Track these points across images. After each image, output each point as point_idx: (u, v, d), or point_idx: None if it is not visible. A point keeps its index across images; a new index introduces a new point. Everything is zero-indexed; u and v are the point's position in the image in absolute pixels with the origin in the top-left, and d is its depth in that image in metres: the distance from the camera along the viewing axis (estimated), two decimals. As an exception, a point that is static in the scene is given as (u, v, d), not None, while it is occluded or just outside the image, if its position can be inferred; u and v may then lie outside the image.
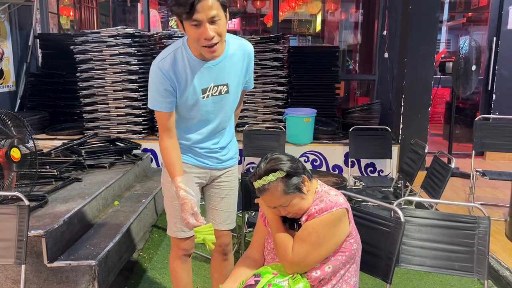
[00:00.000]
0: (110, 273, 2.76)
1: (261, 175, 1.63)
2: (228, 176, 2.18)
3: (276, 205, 1.66)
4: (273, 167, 1.63)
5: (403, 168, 3.96)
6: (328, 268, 1.68)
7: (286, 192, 1.62)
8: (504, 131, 4.15)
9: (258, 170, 1.65)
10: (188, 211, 1.80)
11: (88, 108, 5.06)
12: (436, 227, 2.12)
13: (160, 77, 1.83)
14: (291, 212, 1.67)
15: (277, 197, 1.63)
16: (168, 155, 1.92)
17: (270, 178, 1.62)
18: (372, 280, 2.94)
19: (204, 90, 1.89)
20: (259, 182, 1.63)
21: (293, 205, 1.65)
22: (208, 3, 1.64)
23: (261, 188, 1.63)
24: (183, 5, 1.64)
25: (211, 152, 2.08)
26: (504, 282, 2.86)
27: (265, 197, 1.66)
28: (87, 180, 3.58)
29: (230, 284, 1.75)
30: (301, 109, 4.92)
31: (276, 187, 1.62)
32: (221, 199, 2.18)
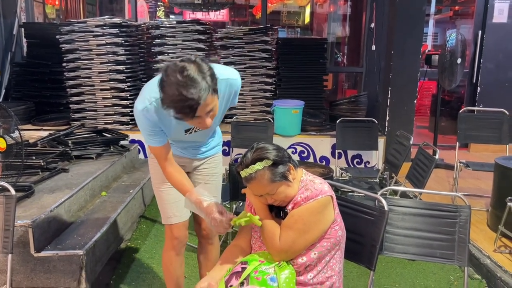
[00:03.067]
0: (98, 262, 2.77)
1: (248, 164, 1.66)
2: (209, 162, 2.24)
3: (263, 193, 1.68)
4: (259, 156, 1.66)
5: (388, 159, 4.02)
6: (313, 254, 1.71)
7: (272, 180, 1.65)
8: (487, 123, 4.23)
9: (245, 160, 1.68)
10: (215, 212, 1.80)
11: (75, 98, 5.01)
12: (419, 216, 2.18)
13: (146, 122, 1.84)
14: (278, 199, 1.70)
15: (264, 185, 1.66)
16: (174, 179, 1.97)
17: (257, 167, 1.64)
18: (357, 268, 3.00)
19: (187, 130, 1.99)
20: (246, 171, 1.66)
21: (280, 192, 1.68)
22: (207, 103, 1.62)
23: (248, 177, 1.66)
24: (187, 114, 1.62)
25: (195, 148, 2.18)
26: (484, 269, 2.94)
27: (252, 186, 1.68)
28: (74, 170, 3.56)
29: (217, 272, 1.78)
30: (289, 101, 4.94)
31: (263, 175, 1.64)
32: (204, 184, 2.20)
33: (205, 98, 1.58)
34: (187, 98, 1.55)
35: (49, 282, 2.52)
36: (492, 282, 2.84)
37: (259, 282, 1.63)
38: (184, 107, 1.58)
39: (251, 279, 1.64)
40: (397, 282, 2.92)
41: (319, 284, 1.73)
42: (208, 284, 1.69)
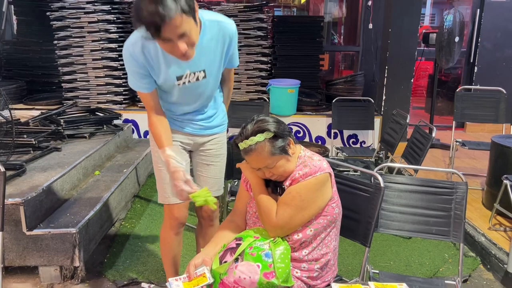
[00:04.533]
0: (91, 241, 2.74)
1: (248, 136, 1.62)
2: (214, 143, 2.14)
3: (262, 166, 1.65)
4: (260, 128, 1.62)
5: (384, 138, 4.00)
6: (310, 231, 1.69)
7: (272, 153, 1.62)
8: (484, 102, 4.21)
9: (245, 131, 1.63)
10: (180, 179, 1.76)
11: (67, 77, 4.92)
12: (415, 193, 2.16)
13: (131, 61, 1.77)
14: (276, 174, 1.67)
15: (263, 158, 1.62)
16: (155, 129, 1.90)
17: (257, 139, 1.61)
18: (352, 246, 3.00)
19: (179, 77, 1.84)
20: (246, 142, 1.61)
21: (279, 166, 1.65)
22: (175, 23, 1.53)
23: (248, 148, 1.61)
24: (148, 27, 1.54)
25: (194, 121, 2.05)
26: (479, 247, 2.95)
27: (251, 158, 1.64)
28: (66, 149, 3.52)
29: (212, 248, 1.75)
30: (285, 80, 4.88)
31: (263, 147, 1.61)
32: (208, 165, 2.16)
33: (172, 17, 1.50)
34: (151, 13, 1.48)
35: (42, 260, 2.49)
36: (487, 260, 2.85)
37: (253, 258, 1.61)
38: (149, 23, 1.51)
39: (245, 255, 1.62)
40: (392, 260, 2.92)
41: (314, 261, 1.72)
42: (202, 260, 1.67)
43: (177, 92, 1.90)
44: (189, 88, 1.89)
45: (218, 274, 1.63)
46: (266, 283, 1.56)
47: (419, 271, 2.78)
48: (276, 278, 1.56)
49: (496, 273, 2.73)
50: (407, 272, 2.75)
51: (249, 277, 1.57)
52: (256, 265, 1.58)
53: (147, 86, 1.84)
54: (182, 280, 1.64)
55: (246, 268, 1.59)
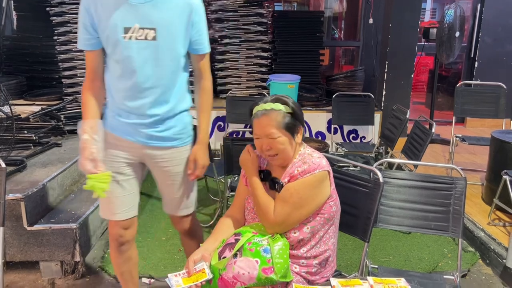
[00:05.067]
0: (92, 236, 2.76)
1: (267, 101, 1.65)
2: (169, 159, 1.88)
3: (266, 134, 1.63)
4: (281, 99, 1.66)
5: (384, 134, 4.00)
6: (306, 229, 1.70)
7: (282, 125, 1.63)
8: (484, 97, 4.20)
9: (265, 99, 1.67)
10: (87, 157, 1.65)
11: (67, 73, 4.92)
12: (414, 188, 2.16)
13: (82, 9, 1.71)
14: (274, 148, 1.65)
15: (270, 125, 1.62)
16: (85, 96, 1.76)
17: (274, 106, 1.63)
18: (352, 241, 3.01)
19: (127, 30, 1.67)
20: (262, 106, 1.64)
21: (280, 143, 1.64)
22: None
23: (262, 111, 1.63)
24: None
25: (142, 127, 1.79)
26: (478, 242, 2.95)
27: (260, 121, 1.63)
28: (67, 145, 3.52)
29: (211, 243, 1.76)
30: (285, 75, 4.87)
31: (276, 116, 1.63)
32: (169, 185, 1.95)
33: None
34: None
35: (42, 255, 2.51)
36: (486, 255, 2.86)
37: (252, 253, 1.62)
38: None
39: (244, 251, 1.63)
40: (391, 255, 2.93)
41: (313, 258, 1.72)
42: (201, 255, 1.67)
43: (121, 51, 1.69)
44: (135, 47, 1.69)
45: (217, 269, 1.64)
46: (264, 279, 1.57)
47: (418, 266, 2.79)
48: (275, 274, 1.56)
49: (495, 268, 2.74)
50: (406, 267, 2.76)
51: (247, 273, 1.58)
52: (255, 261, 1.59)
53: (87, 43, 1.73)
54: (181, 275, 1.64)
55: (245, 263, 1.60)
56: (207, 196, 3.83)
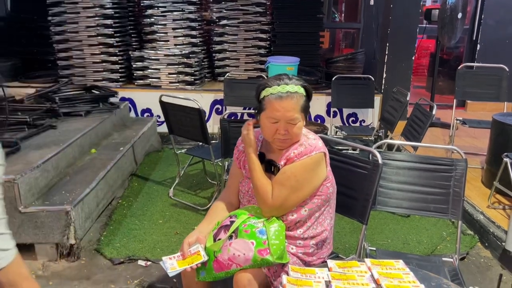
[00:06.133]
0: (87, 219, 2.73)
1: (289, 83, 1.59)
2: None
3: (288, 118, 1.58)
4: (302, 83, 1.62)
5: (384, 117, 3.95)
6: (304, 211, 1.67)
7: (303, 109, 1.60)
8: (486, 79, 4.14)
9: (284, 78, 1.60)
10: None
11: (62, 54, 4.84)
12: (413, 170, 2.12)
13: None
14: (290, 133, 1.61)
15: (295, 110, 1.58)
16: None
17: (298, 89, 1.59)
18: (349, 224, 2.99)
19: None
20: (286, 87, 1.58)
21: (298, 127, 1.61)
22: None
23: (287, 93, 1.57)
24: None
25: None
26: (477, 225, 2.93)
27: (285, 103, 1.57)
28: (62, 127, 3.47)
29: (205, 226, 1.73)
30: (284, 58, 4.78)
31: (300, 99, 1.59)
32: None
33: None
34: None
35: (37, 237, 2.48)
36: (485, 237, 2.84)
37: (248, 235, 1.59)
38: None
39: (239, 232, 1.60)
40: (389, 238, 2.91)
41: (310, 238, 1.70)
42: (196, 237, 1.65)
43: None
44: None
45: (212, 251, 1.61)
46: (260, 260, 1.54)
47: (417, 249, 2.77)
48: (271, 255, 1.54)
49: (494, 251, 2.72)
50: (405, 250, 2.74)
51: (243, 254, 1.55)
52: (250, 242, 1.56)
53: None
54: (176, 258, 1.62)
55: (240, 245, 1.57)
56: (205, 179, 3.80)
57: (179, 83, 4.82)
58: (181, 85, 4.82)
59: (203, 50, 5.19)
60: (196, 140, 3.30)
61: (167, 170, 4.02)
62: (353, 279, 1.46)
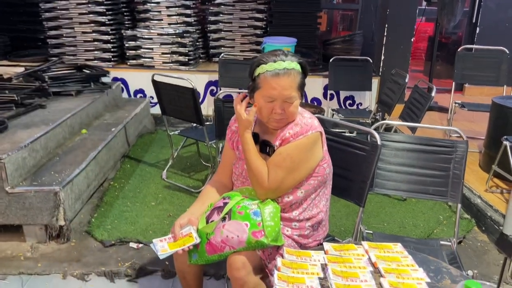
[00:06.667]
0: (77, 200, 2.66)
1: (285, 59, 1.50)
2: None
3: (285, 97, 1.50)
4: (299, 59, 1.54)
5: (382, 99, 3.88)
6: (300, 192, 1.61)
7: (299, 86, 1.53)
8: (486, 62, 4.07)
9: (280, 54, 1.51)
10: None
11: (53, 32, 4.70)
12: (413, 152, 2.07)
13: None
14: (287, 112, 1.54)
15: (292, 88, 1.51)
16: None
17: (295, 66, 1.51)
18: (345, 207, 2.94)
19: None
20: (283, 64, 1.49)
21: (295, 106, 1.54)
22: None
23: (283, 70, 1.49)
24: None
25: None
26: (475, 209, 2.90)
27: (279, 81, 1.49)
28: (51, 107, 3.38)
29: (198, 207, 1.67)
30: (281, 38, 4.68)
31: (296, 76, 1.51)
32: None
33: None
34: None
35: (25, 219, 2.41)
36: (482, 221, 2.81)
37: (241, 216, 1.53)
38: None
39: (233, 214, 1.54)
40: (386, 221, 2.87)
41: (305, 220, 1.65)
42: (188, 219, 1.59)
43: None
44: None
45: (204, 233, 1.56)
46: (255, 242, 1.48)
47: (413, 233, 2.74)
48: (265, 237, 1.48)
49: (491, 235, 2.69)
50: (401, 234, 2.70)
51: (237, 236, 1.49)
52: (244, 224, 1.51)
53: None
54: (167, 240, 1.56)
55: (234, 227, 1.51)
56: (199, 161, 3.73)
57: (173, 63, 4.71)
58: (175, 66, 4.72)
59: (197, 30, 5.07)
60: (189, 121, 3.22)
61: (160, 152, 3.94)
62: (349, 262, 1.41)
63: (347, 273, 1.34)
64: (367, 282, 1.30)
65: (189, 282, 1.75)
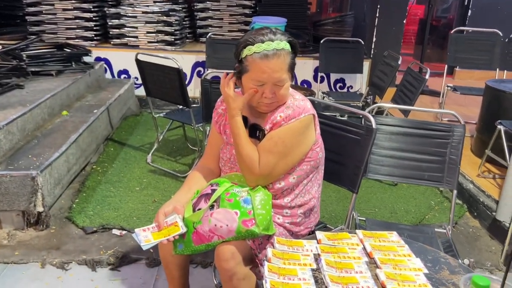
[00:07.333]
0: (57, 185, 2.54)
1: (273, 39, 1.38)
2: None
3: (276, 80, 1.40)
4: (288, 38, 1.43)
5: (373, 82, 3.80)
6: (292, 178, 1.52)
7: (290, 67, 1.43)
8: (479, 45, 4.00)
9: (268, 34, 1.39)
10: None
11: (31, 9, 4.48)
12: (408, 136, 1.99)
13: None
14: (277, 95, 1.43)
15: (283, 70, 1.40)
16: None
17: (285, 46, 1.40)
18: (336, 193, 2.88)
19: None
20: (272, 44, 1.37)
21: (285, 88, 1.44)
22: None
23: (272, 51, 1.37)
24: None
25: None
26: (467, 194, 2.86)
27: (269, 64, 1.38)
28: (30, 87, 3.22)
29: (183, 194, 1.56)
30: (270, 18, 4.54)
31: (286, 57, 1.41)
32: None
33: None
34: None
35: (1, 205, 2.28)
36: (474, 207, 2.77)
37: (231, 204, 1.44)
38: None
39: (222, 202, 1.45)
40: (377, 207, 2.82)
41: (297, 207, 1.56)
42: (173, 207, 1.48)
43: None
44: None
45: (191, 222, 1.46)
46: (245, 232, 1.40)
47: (405, 219, 2.69)
48: (256, 226, 1.39)
49: (483, 221, 2.65)
50: (393, 219, 2.65)
51: (226, 225, 1.40)
52: (234, 212, 1.42)
53: None
54: (151, 230, 1.46)
55: (223, 215, 1.42)
56: (185, 145, 3.62)
57: (158, 43, 4.54)
58: (161, 45, 4.55)
59: (184, 9, 4.88)
60: (175, 102, 3.10)
61: (146, 135, 3.82)
62: (344, 252, 1.34)
63: (341, 263, 1.27)
64: (363, 274, 1.23)
65: (173, 272, 1.67)
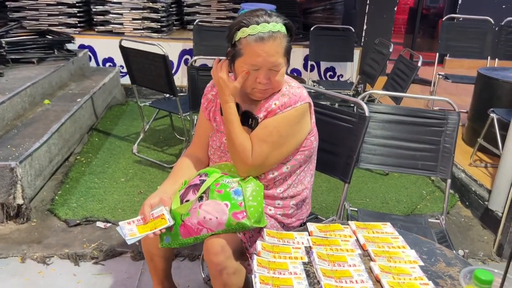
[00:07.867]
0: (38, 176, 2.44)
1: (268, 21, 1.31)
2: None
3: (271, 64, 1.33)
4: (284, 20, 1.35)
5: (364, 70, 3.74)
6: (286, 168, 1.46)
7: (286, 51, 1.36)
8: (471, 32, 3.96)
9: (263, 15, 1.32)
10: None
11: (11, -6, 4.32)
12: (401, 124, 1.94)
13: None
14: (272, 81, 1.36)
15: (279, 53, 1.33)
16: None
17: (281, 28, 1.33)
18: (326, 183, 2.83)
19: None
20: (267, 26, 1.30)
21: (281, 74, 1.37)
22: None
23: (268, 33, 1.30)
24: None
25: None
26: (459, 184, 2.83)
27: (264, 47, 1.30)
28: (10, 75, 3.11)
29: (170, 185, 1.49)
30: (259, 5, 4.44)
31: (282, 40, 1.33)
32: None
33: None
34: None
35: (-22, 197, 2.19)
36: (466, 196, 2.74)
37: (221, 195, 1.36)
38: None
39: (211, 193, 1.38)
40: (368, 197, 2.78)
41: (289, 198, 1.50)
42: (159, 199, 1.41)
43: None
44: None
45: (179, 215, 1.38)
46: (235, 224, 1.33)
47: (396, 208, 2.65)
48: (248, 219, 1.33)
49: (475, 210, 2.63)
50: (384, 209, 2.62)
51: (215, 218, 1.33)
52: (224, 204, 1.35)
53: None
54: (136, 223, 1.38)
55: (212, 207, 1.35)
56: (172, 135, 3.53)
57: (144, 30, 4.43)
58: (146, 33, 4.43)
59: (171, -5, 4.76)
60: (161, 91, 3.01)
61: (131, 125, 3.72)
62: (336, 245, 1.28)
63: (334, 256, 1.21)
64: (356, 267, 1.18)
65: (157, 264, 1.60)
